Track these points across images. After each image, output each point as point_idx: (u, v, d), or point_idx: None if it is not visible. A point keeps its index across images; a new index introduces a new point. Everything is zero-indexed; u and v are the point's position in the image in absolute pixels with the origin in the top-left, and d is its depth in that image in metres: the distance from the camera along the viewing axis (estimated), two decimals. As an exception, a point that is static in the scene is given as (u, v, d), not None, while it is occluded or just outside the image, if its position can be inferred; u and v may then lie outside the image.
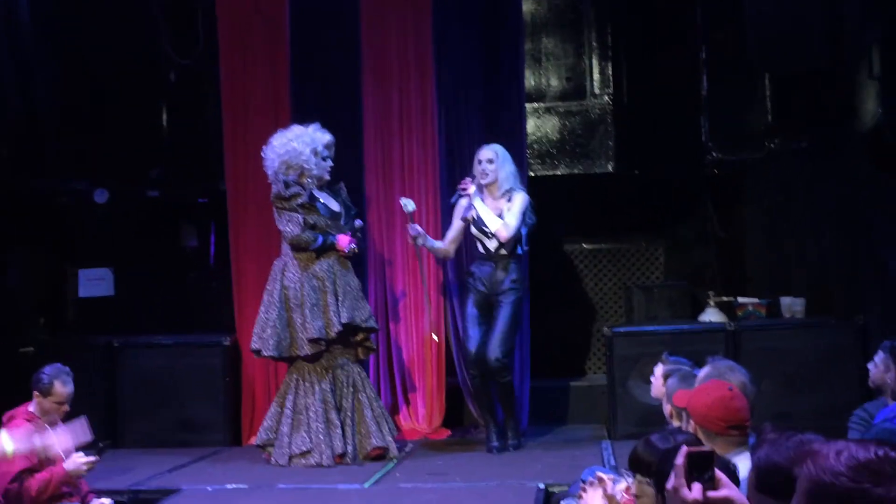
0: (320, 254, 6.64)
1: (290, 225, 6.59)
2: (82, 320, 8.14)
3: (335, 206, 6.76)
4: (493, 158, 6.78)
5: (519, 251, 6.83)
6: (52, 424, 5.27)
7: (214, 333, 7.58)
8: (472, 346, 6.72)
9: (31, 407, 5.21)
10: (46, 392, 5.20)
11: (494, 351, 6.65)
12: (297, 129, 6.74)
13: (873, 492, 1.45)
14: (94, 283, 8.15)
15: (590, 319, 8.75)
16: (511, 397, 6.83)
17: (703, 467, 1.91)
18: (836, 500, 1.48)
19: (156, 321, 8.11)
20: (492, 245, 6.79)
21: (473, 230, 6.83)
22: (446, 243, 6.95)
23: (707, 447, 2.24)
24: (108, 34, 7.89)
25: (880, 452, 1.52)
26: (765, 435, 2.10)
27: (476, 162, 6.83)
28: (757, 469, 2.02)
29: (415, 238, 6.75)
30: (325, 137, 6.74)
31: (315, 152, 6.66)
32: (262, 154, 6.75)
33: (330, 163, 6.74)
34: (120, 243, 8.32)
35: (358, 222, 6.87)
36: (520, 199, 6.77)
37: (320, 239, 6.59)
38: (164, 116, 8.31)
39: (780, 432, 2.06)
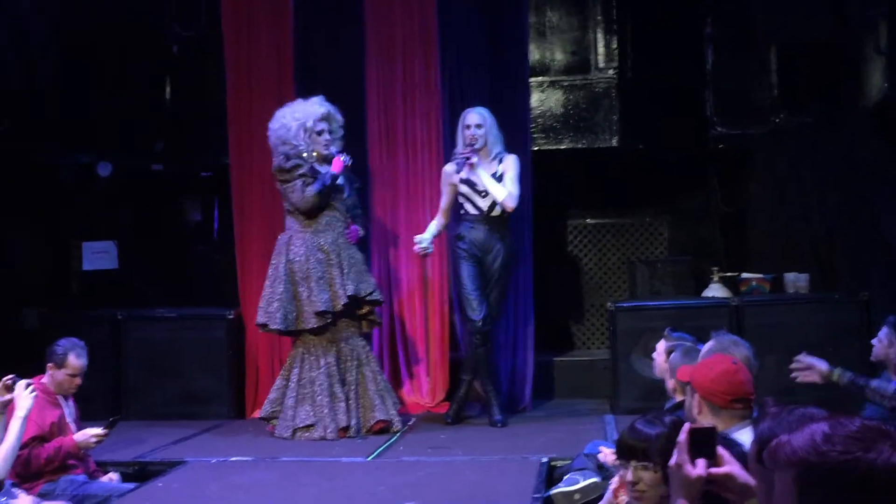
0: (325, 206, 6.59)
1: (294, 194, 6.58)
2: (87, 293, 8.16)
3: (339, 179, 6.73)
4: (481, 123, 6.78)
5: (505, 213, 6.81)
6: (65, 397, 5.31)
7: (218, 307, 7.59)
8: (477, 316, 6.72)
9: (45, 379, 5.24)
10: (60, 364, 5.23)
11: (494, 320, 6.78)
12: (296, 104, 6.71)
13: (864, 458, 1.44)
14: (99, 256, 8.17)
15: (593, 294, 8.75)
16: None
17: (705, 444, 1.92)
18: (828, 477, 1.47)
19: (160, 294, 8.13)
20: (484, 204, 6.77)
21: (464, 189, 6.80)
22: (441, 216, 6.94)
23: (708, 423, 2.24)
24: (111, 6, 7.87)
25: (856, 422, 1.51)
26: (767, 408, 2.11)
27: (463, 127, 6.81)
28: (759, 442, 2.02)
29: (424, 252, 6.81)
30: (319, 110, 6.66)
31: (304, 128, 6.61)
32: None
33: (326, 136, 6.66)
34: (124, 217, 8.33)
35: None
36: (512, 162, 6.79)
37: (318, 182, 6.55)
38: (168, 90, 8.30)
39: (783, 406, 2.06)
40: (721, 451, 1.89)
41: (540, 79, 8.22)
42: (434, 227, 6.92)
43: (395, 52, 7.54)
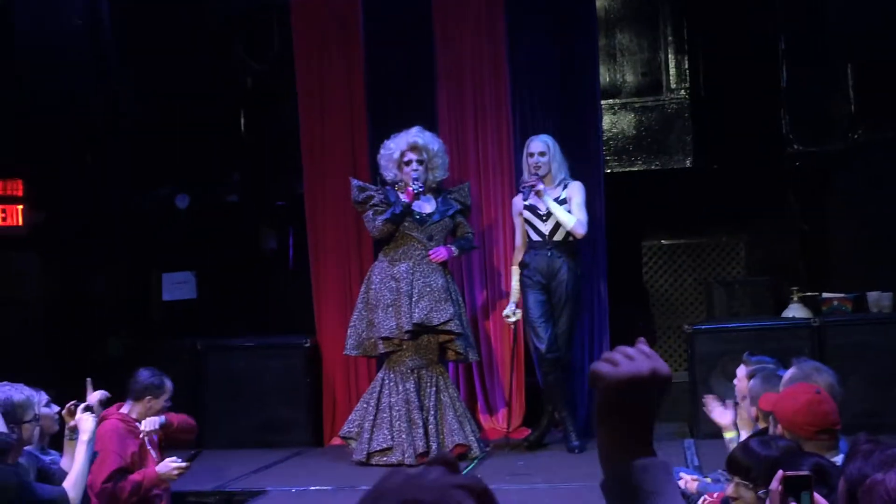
0: (400, 235, 6.67)
1: (367, 224, 6.79)
2: (167, 323, 8.30)
3: (428, 208, 6.79)
4: (544, 151, 6.78)
5: (572, 238, 6.78)
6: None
7: (295, 335, 7.66)
8: (543, 345, 6.71)
9: (125, 409, 5.28)
10: (158, 393, 5.27)
11: (564, 349, 6.76)
12: (399, 134, 6.82)
13: None
14: (178, 286, 8.30)
15: (669, 316, 8.64)
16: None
17: (800, 490, 1.88)
18: None
19: (238, 323, 8.23)
20: (545, 229, 6.76)
21: (527, 214, 6.81)
22: (518, 254, 6.95)
23: (804, 471, 2.19)
24: (187, 42, 8.04)
25: None
26: (859, 446, 2.06)
27: (526, 156, 6.83)
28: (849, 481, 1.98)
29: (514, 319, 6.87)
30: (409, 140, 6.75)
31: (392, 159, 6.72)
32: None
33: (414, 166, 6.71)
34: (202, 247, 8.46)
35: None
36: (578, 189, 6.78)
37: (388, 211, 6.66)
38: (242, 122, 8.43)
39: (875, 444, 2.01)
40: (817, 497, 1.85)
41: (611, 101, 8.18)
42: (516, 286, 6.91)
43: (465, 76, 7.58)
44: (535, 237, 6.83)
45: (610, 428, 1.49)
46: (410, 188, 6.65)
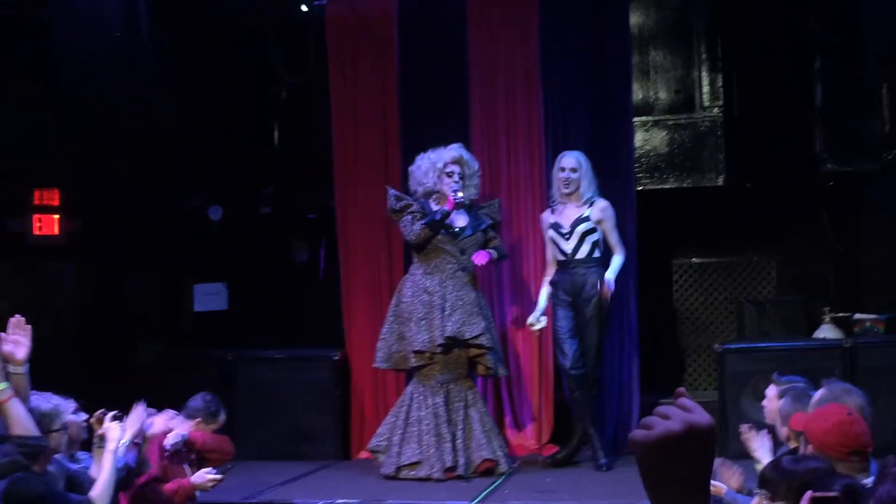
0: (435, 247, 6.68)
1: (404, 228, 6.75)
2: (198, 334, 8.36)
3: (461, 222, 6.81)
4: (576, 167, 6.80)
5: (597, 254, 6.78)
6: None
7: (324, 348, 7.69)
8: (568, 361, 6.71)
9: (175, 421, 5.30)
10: (211, 420, 5.42)
11: (590, 368, 6.74)
12: (436, 149, 6.84)
13: None
14: (209, 297, 8.37)
15: (700, 335, 8.61)
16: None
17: None
18: None
19: (268, 335, 8.28)
20: (568, 247, 6.76)
21: (551, 233, 6.82)
22: (549, 266, 6.94)
23: (834, 491, 2.18)
24: (222, 54, 8.11)
25: None
26: (888, 468, 2.05)
27: (558, 170, 6.84)
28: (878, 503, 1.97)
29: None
30: (452, 154, 6.79)
31: (435, 168, 6.74)
32: None
33: (455, 178, 6.74)
34: (233, 259, 8.52)
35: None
36: (609, 212, 6.79)
37: (427, 217, 6.67)
38: (276, 134, 8.50)
39: (905, 467, 2.00)
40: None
41: (644, 118, 8.17)
42: (544, 296, 6.91)
43: (498, 92, 7.60)
44: (559, 256, 6.84)
45: (656, 492, 1.47)
46: (452, 196, 6.69)
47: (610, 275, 6.63)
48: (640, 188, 7.82)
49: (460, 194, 6.68)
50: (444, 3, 7.76)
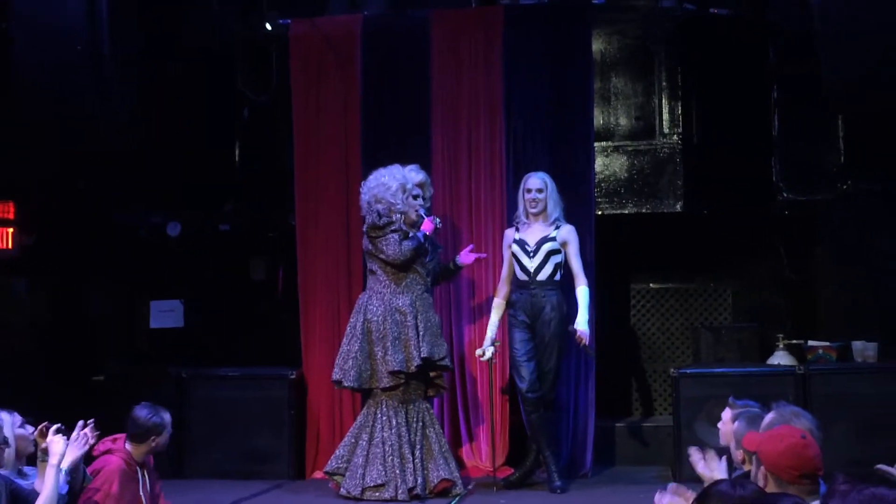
0: (420, 254, 6.73)
1: (390, 247, 6.70)
2: (154, 351, 8.28)
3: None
4: (542, 188, 6.86)
5: (558, 277, 6.82)
6: (142, 468, 5.19)
7: (281, 366, 7.65)
8: (525, 384, 6.73)
9: (129, 446, 5.14)
10: (161, 431, 5.13)
11: (547, 391, 6.79)
12: (394, 168, 6.87)
13: None
14: (165, 314, 8.30)
15: (656, 360, 8.66)
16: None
17: None
18: None
19: (224, 353, 8.22)
20: (531, 265, 6.79)
21: (515, 248, 6.86)
22: (503, 286, 6.97)
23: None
24: (185, 71, 8.08)
25: None
26: (836, 486, 2.07)
27: (524, 191, 6.89)
28: (828, 521, 1.99)
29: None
30: (417, 177, 6.88)
31: (403, 188, 6.76)
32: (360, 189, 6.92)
33: (420, 202, 6.82)
34: (191, 275, 8.46)
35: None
36: (573, 236, 6.84)
37: (413, 239, 6.70)
38: (237, 152, 8.48)
39: (853, 484, 2.03)
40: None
41: (604, 143, 8.24)
42: (494, 322, 6.92)
43: (461, 116, 7.64)
44: (520, 275, 6.85)
45: None
46: (430, 222, 6.74)
47: (583, 326, 6.65)
48: (600, 213, 7.87)
49: (438, 220, 6.81)
50: (408, 25, 7.80)
